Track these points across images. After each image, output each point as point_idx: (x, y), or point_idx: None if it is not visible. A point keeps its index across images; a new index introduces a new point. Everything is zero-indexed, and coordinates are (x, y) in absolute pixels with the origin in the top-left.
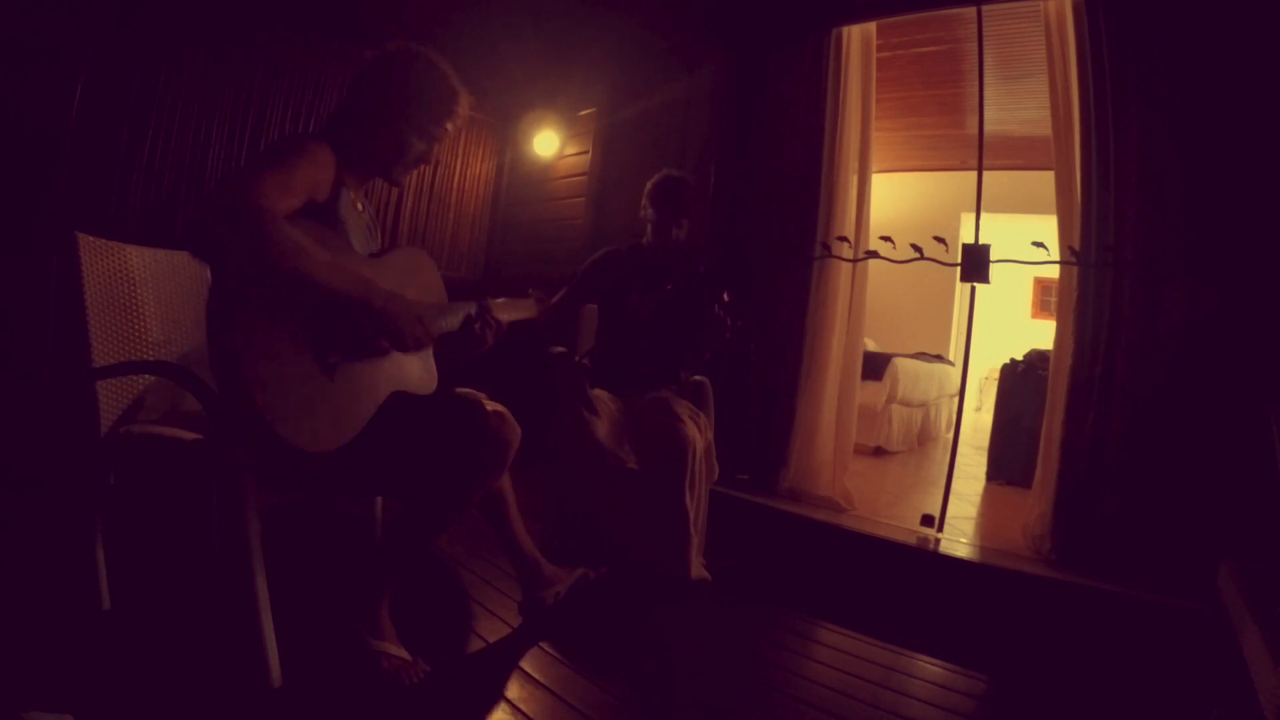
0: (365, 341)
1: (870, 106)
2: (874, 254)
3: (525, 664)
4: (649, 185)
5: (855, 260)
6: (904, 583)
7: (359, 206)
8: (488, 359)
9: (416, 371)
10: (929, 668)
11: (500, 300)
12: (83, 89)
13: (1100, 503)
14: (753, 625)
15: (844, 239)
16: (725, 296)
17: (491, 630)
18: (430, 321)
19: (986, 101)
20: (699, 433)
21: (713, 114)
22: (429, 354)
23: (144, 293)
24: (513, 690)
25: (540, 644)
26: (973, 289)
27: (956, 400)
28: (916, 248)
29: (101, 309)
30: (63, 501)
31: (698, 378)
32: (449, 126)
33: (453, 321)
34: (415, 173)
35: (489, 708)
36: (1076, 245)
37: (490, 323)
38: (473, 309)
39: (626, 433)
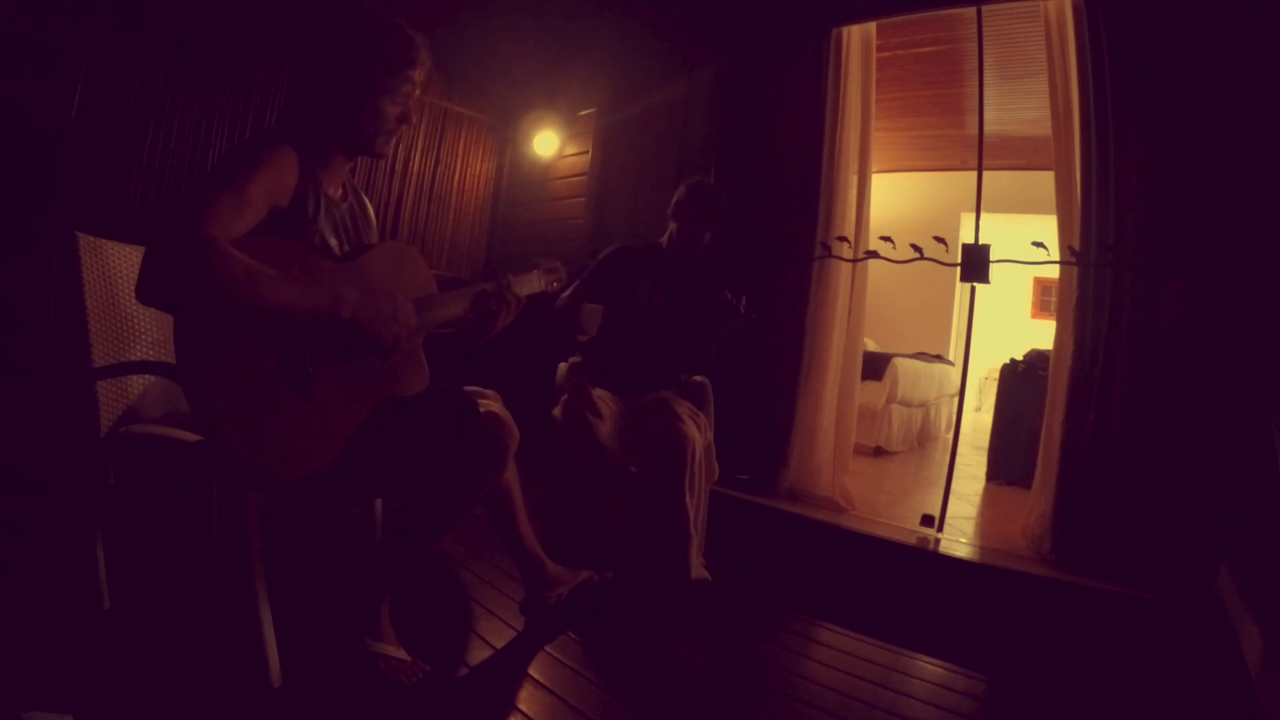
0: (342, 352)
1: (870, 106)
2: (874, 254)
3: (526, 664)
4: (684, 188)
5: (855, 260)
6: (904, 583)
7: (337, 195)
8: (492, 356)
9: (404, 371)
10: (929, 668)
11: (514, 276)
12: (83, 89)
13: (1100, 503)
14: (753, 625)
15: (844, 239)
16: (742, 296)
17: (492, 631)
18: (409, 314)
19: (986, 101)
20: (699, 433)
21: (712, 114)
22: (418, 351)
23: None
24: (513, 690)
25: (541, 644)
26: (973, 289)
27: (956, 400)
28: (916, 248)
29: (101, 309)
30: (63, 501)
31: (698, 378)
32: (416, 76)
33: (457, 307)
34: (415, 173)
35: (489, 708)
36: (1076, 245)
37: (507, 299)
38: (488, 286)
39: (627, 433)
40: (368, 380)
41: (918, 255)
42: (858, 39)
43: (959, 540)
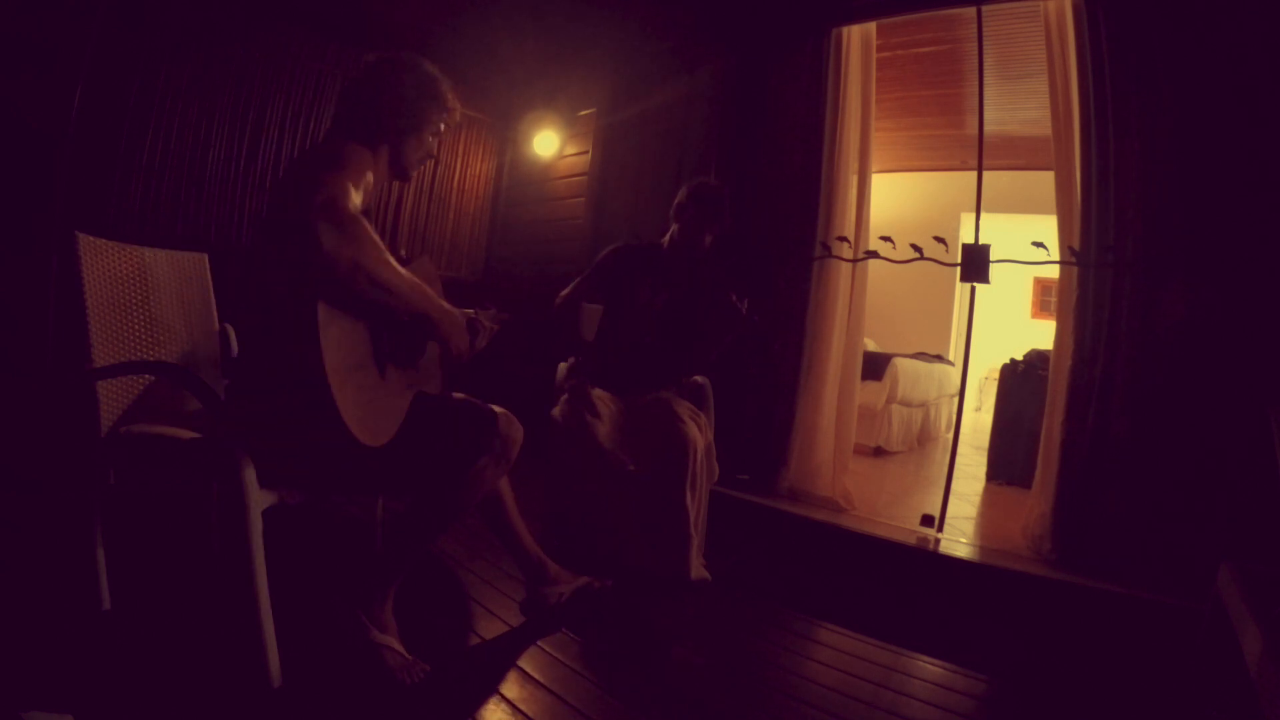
0: (416, 344)
1: (870, 106)
2: (874, 254)
3: (525, 663)
4: (686, 189)
5: (855, 260)
6: (904, 583)
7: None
8: (492, 357)
9: (431, 371)
10: (929, 668)
11: (480, 311)
12: (83, 89)
13: (1100, 503)
14: (753, 625)
15: (844, 239)
16: (744, 300)
17: (492, 630)
18: (469, 334)
19: (986, 101)
20: (700, 433)
21: (712, 114)
22: (437, 356)
23: (144, 292)
24: (512, 690)
25: (540, 644)
26: (973, 289)
27: (956, 400)
28: (916, 248)
29: (101, 309)
30: (63, 501)
31: (698, 378)
32: (449, 120)
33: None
34: (415, 172)
35: (489, 707)
36: (1076, 245)
37: (483, 327)
38: (471, 313)
39: (627, 433)
40: (411, 372)
41: (918, 255)
42: (858, 39)
43: (959, 540)
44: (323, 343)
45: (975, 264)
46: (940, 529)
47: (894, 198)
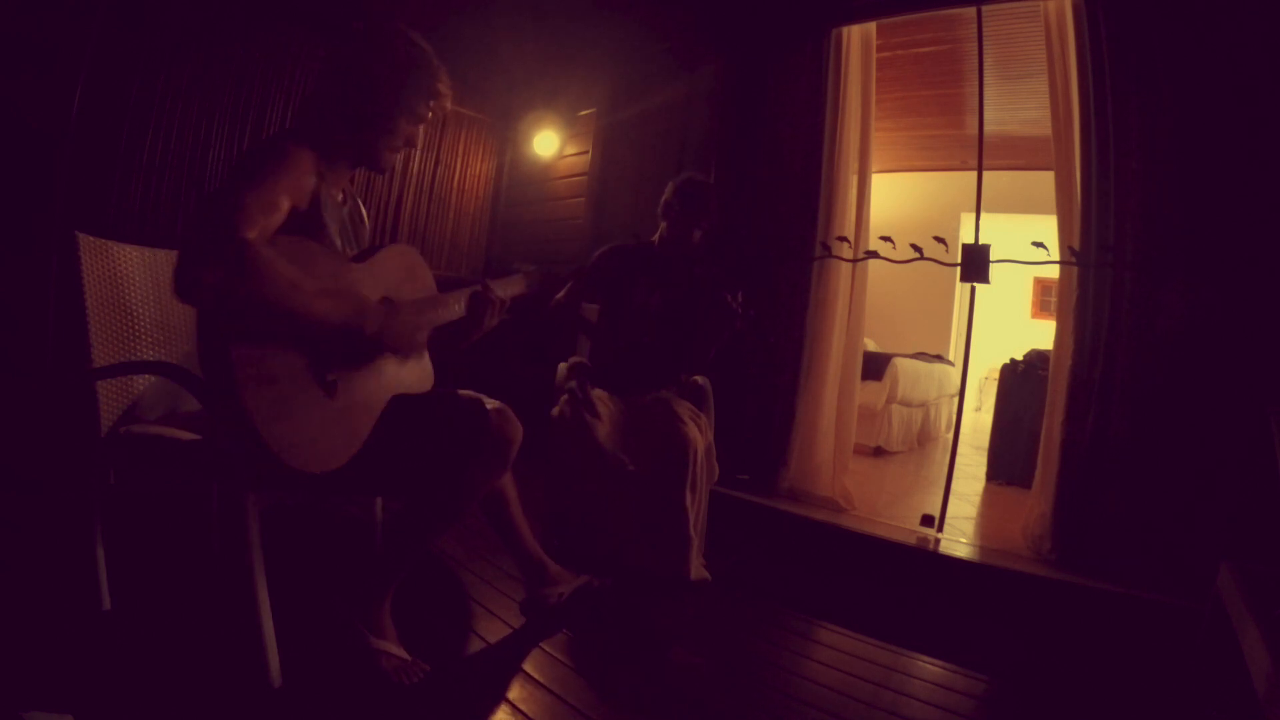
0: (360, 357)
1: (870, 106)
2: (874, 254)
3: (525, 664)
4: (672, 186)
5: (855, 260)
6: (904, 583)
7: (339, 199)
8: (488, 357)
9: (414, 372)
10: (929, 668)
11: (495, 280)
12: (83, 89)
13: (1100, 503)
14: (753, 625)
15: (844, 239)
16: (738, 294)
17: (492, 630)
18: (423, 330)
19: (986, 101)
20: (700, 434)
21: (712, 114)
22: (424, 351)
23: (143, 293)
24: (512, 690)
25: (540, 644)
26: (973, 289)
27: (956, 400)
28: (916, 248)
29: (101, 309)
30: (63, 501)
31: (698, 379)
32: (435, 106)
33: (457, 309)
34: (415, 173)
35: (489, 708)
36: (1076, 245)
37: (493, 300)
38: (477, 288)
39: (627, 434)
40: (380, 379)
41: (918, 255)
42: (857, 39)
43: (959, 540)
44: (239, 377)
45: (975, 264)
46: (940, 529)
47: (894, 198)
